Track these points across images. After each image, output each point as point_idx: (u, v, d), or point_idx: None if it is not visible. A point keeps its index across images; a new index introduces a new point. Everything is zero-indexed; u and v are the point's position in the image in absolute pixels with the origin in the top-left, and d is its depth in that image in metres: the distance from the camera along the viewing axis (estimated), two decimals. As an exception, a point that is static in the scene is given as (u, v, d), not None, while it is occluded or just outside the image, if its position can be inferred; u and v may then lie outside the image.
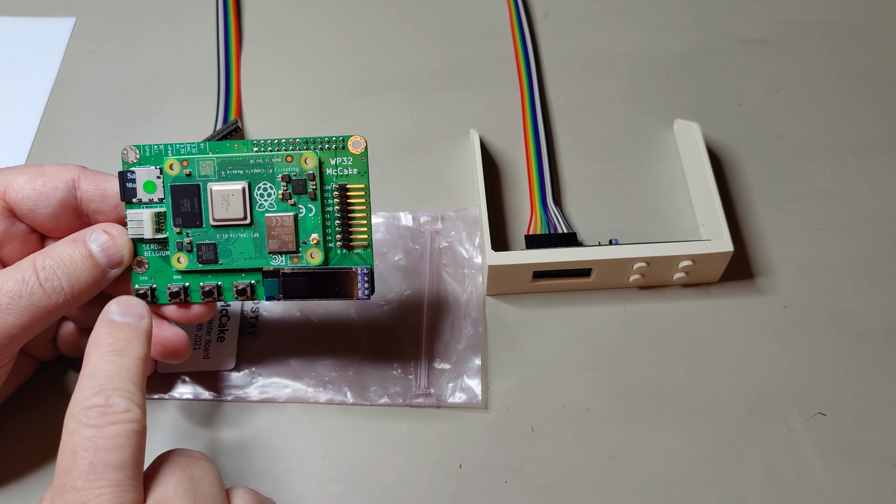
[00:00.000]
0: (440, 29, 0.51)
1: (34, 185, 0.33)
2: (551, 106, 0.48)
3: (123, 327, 0.30)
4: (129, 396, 0.28)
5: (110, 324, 0.30)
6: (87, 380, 0.28)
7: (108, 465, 0.27)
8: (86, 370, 0.29)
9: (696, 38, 0.51)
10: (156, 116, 0.47)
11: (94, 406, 0.28)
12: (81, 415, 0.27)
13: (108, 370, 0.29)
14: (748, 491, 0.35)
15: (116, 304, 0.31)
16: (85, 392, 0.28)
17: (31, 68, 0.50)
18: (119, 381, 0.28)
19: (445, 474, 0.36)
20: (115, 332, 0.30)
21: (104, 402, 0.28)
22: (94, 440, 0.27)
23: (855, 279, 0.41)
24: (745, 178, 0.45)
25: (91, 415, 0.27)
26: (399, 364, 0.38)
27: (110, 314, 0.31)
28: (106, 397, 0.28)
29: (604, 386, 0.38)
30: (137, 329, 0.30)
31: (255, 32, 0.51)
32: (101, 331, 0.30)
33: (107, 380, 0.28)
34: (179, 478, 0.28)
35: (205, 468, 0.30)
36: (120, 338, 0.30)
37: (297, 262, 0.33)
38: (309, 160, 0.33)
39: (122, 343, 0.30)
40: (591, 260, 0.39)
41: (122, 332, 0.30)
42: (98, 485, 0.26)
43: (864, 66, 0.50)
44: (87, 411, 0.27)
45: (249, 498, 0.30)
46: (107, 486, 0.26)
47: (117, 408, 0.28)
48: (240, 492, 0.30)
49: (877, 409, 0.38)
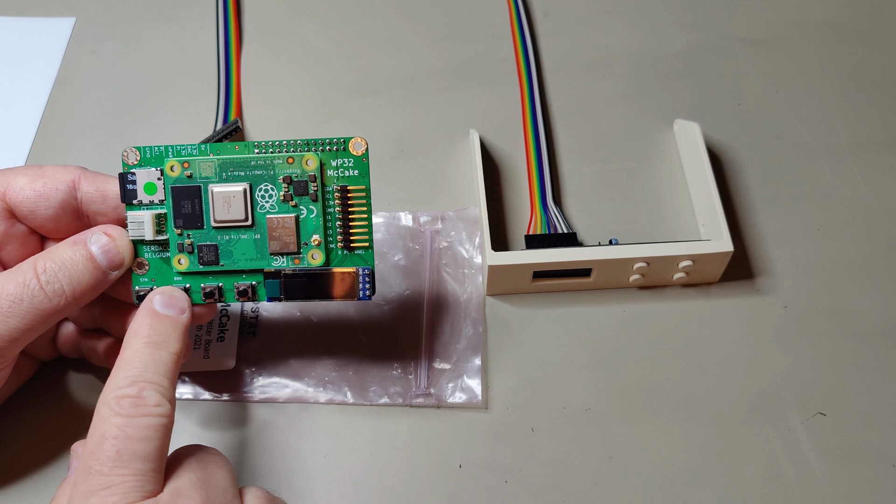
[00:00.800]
0: (440, 29, 0.51)
1: (34, 186, 0.33)
2: (551, 106, 0.48)
3: (164, 319, 0.31)
4: (162, 391, 0.29)
5: (152, 314, 0.31)
6: (124, 368, 0.29)
7: (135, 454, 0.27)
8: (123, 358, 0.30)
9: (696, 38, 0.51)
10: (156, 116, 0.47)
11: (128, 396, 0.28)
12: (114, 402, 0.28)
13: (143, 362, 0.29)
14: (748, 491, 0.35)
15: (160, 295, 0.32)
16: (119, 381, 0.29)
17: (31, 68, 0.49)
18: (153, 374, 0.29)
19: (445, 474, 0.36)
20: (156, 323, 0.31)
21: (137, 393, 0.28)
22: (123, 429, 0.28)
23: (855, 279, 0.41)
24: (745, 178, 0.45)
25: (124, 404, 0.28)
26: (399, 364, 0.38)
27: (154, 304, 0.31)
28: (139, 389, 0.28)
29: (604, 386, 0.38)
30: (177, 323, 0.31)
31: (255, 32, 0.51)
32: (142, 321, 0.31)
33: (142, 371, 0.29)
34: (194, 469, 0.29)
35: (219, 463, 0.30)
36: (160, 330, 0.30)
37: (298, 263, 0.33)
38: (310, 162, 0.33)
39: (162, 336, 0.30)
40: (591, 260, 0.39)
41: (162, 324, 0.31)
42: (122, 472, 0.27)
43: (864, 66, 0.50)
44: (120, 400, 0.28)
45: (262, 496, 0.30)
46: (131, 474, 0.27)
47: (149, 401, 0.28)
48: (252, 490, 0.30)
49: (877, 409, 0.38)
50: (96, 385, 0.38)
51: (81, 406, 0.37)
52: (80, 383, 0.38)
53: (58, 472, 0.36)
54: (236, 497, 0.29)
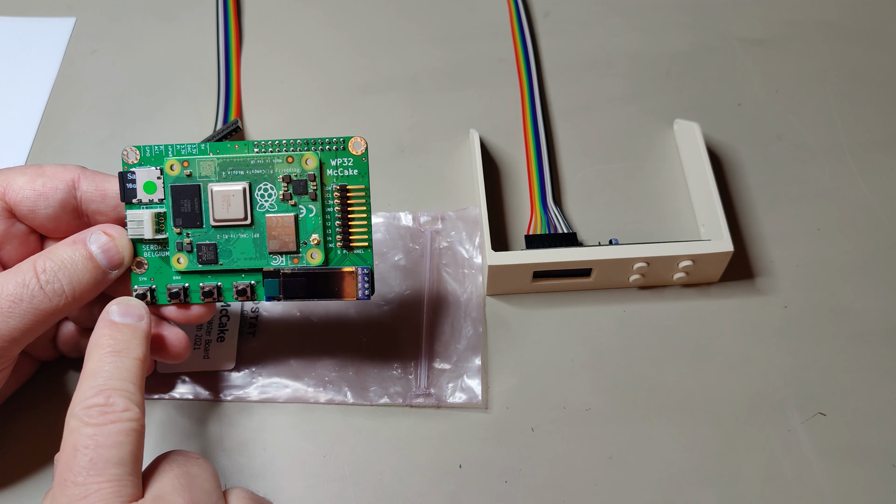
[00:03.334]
0: (440, 29, 0.51)
1: (34, 185, 0.33)
2: (551, 106, 0.48)
3: (123, 328, 0.31)
4: (129, 396, 0.29)
5: (110, 325, 0.31)
6: (88, 379, 0.29)
7: (108, 461, 0.27)
8: (86, 370, 0.30)
9: (696, 38, 0.51)
10: (156, 116, 0.47)
11: (95, 405, 0.28)
12: (82, 413, 0.28)
13: (108, 370, 0.29)
14: (748, 491, 0.35)
15: (117, 305, 0.31)
16: (86, 392, 0.29)
17: (31, 68, 0.49)
18: (119, 381, 0.29)
19: (445, 474, 0.36)
20: (115, 332, 0.31)
21: (104, 401, 0.28)
22: (94, 437, 0.28)
23: (855, 279, 0.41)
24: (745, 178, 0.45)
25: (92, 413, 0.28)
26: (399, 364, 0.38)
27: (110, 315, 0.31)
28: (106, 397, 0.28)
29: (604, 386, 0.38)
30: (137, 330, 0.31)
31: (255, 32, 0.51)
32: (102, 332, 0.31)
33: (107, 380, 0.29)
34: (176, 473, 0.29)
35: (201, 465, 0.30)
36: (120, 339, 0.30)
37: (297, 262, 0.33)
38: (310, 161, 0.33)
39: (122, 344, 0.30)
40: (591, 260, 0.39)
41: (121, 333, 0.31)
42: (98, 479, 0.27)
43: (864, 66, 0.50)
44: (88, 410, 0.28)
45: (246, 496, 0.30)
46: (106, 480, 0.27)
47: (117, 407, 0.28)
48: (237, 491, 0.30)
49: (877, 409, 0.38)
50: (96, 385, 0.38)
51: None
52: (80, 383, 0.38)
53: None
54: (221, 499, 0.29)
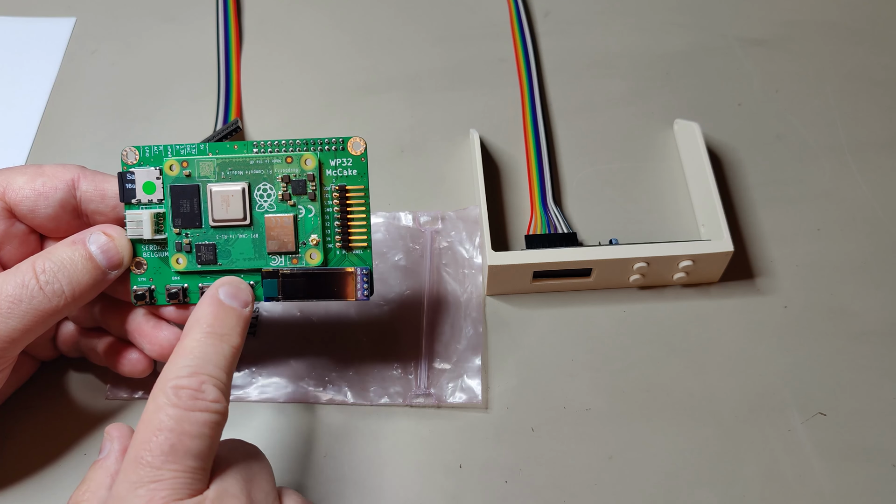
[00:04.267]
0: (440, 29, 0.51)
1: (34, 185, 0.33)
2: (551, 106, 0.48)
3: (230, 311, 0.30)
4: (220, 386, 0.28)
5: (217, 304, 0.30)
6: (184, 356, 0.28)
7: (188, 451, 0.27)
8: (184, 345, 0.29)
9: (696, 38, 0.51)
10: (156, 116, 0.47)
11: (187, 387, 0.28)
12: (172, 393, 0.27)
13: (205, 352, 0.29)
14: (748, 491, 0.35)
15: (227, 286, 0.31)
16: (180, 369, 0.28)
17: (31, 68, 0.50)
18: (214, 367, 0.28)
19: (445, 474, 0.36)
20: (221, 313, 0.30)
21: (197, 386, 0.28)
22: (179, 422, 0.27)
23: (855, 279, 0.41)
24: (745, 178, 0.45)
25: (182, 395, 0.27)
26: (399, 364, 0.38)
27: (219, 293, 0.30)
28: (200, 382, 0.28)
29: (604, 386, 0.38)
30: (241, 317, 0.30)
31: (255, 32, 0.51)
32: (206, 309, 0.30)
33: (203, 363, 0.28)
34: (240, 468, 0.29)
35: (262, 463, 0.30)
36: (224, 321, 0.30)
37: (296, 262, 0.33)
38: (309, 161, 0.33)
39: (225, 328, 0.29)
40: (591, 260, 0.39)
41: (227, 315, 0.30)
42: (174, 468, 0.26)
43: (864, 66, 0.50)
44: (179, 391, 0.27)
45: (299, 501, 0.30)
46: (182, 470, 0.26)
47: (208, 396, 0.28)
48: (290, 494, 0.30)
49: (877, 409, 0.38)
50: (96, 385, 0.38)
51: (81, 406, 0.37)
52: (80, 383, 0.38)
53: (59, 472, 0.36)
54: (276, 499, 0.29)
